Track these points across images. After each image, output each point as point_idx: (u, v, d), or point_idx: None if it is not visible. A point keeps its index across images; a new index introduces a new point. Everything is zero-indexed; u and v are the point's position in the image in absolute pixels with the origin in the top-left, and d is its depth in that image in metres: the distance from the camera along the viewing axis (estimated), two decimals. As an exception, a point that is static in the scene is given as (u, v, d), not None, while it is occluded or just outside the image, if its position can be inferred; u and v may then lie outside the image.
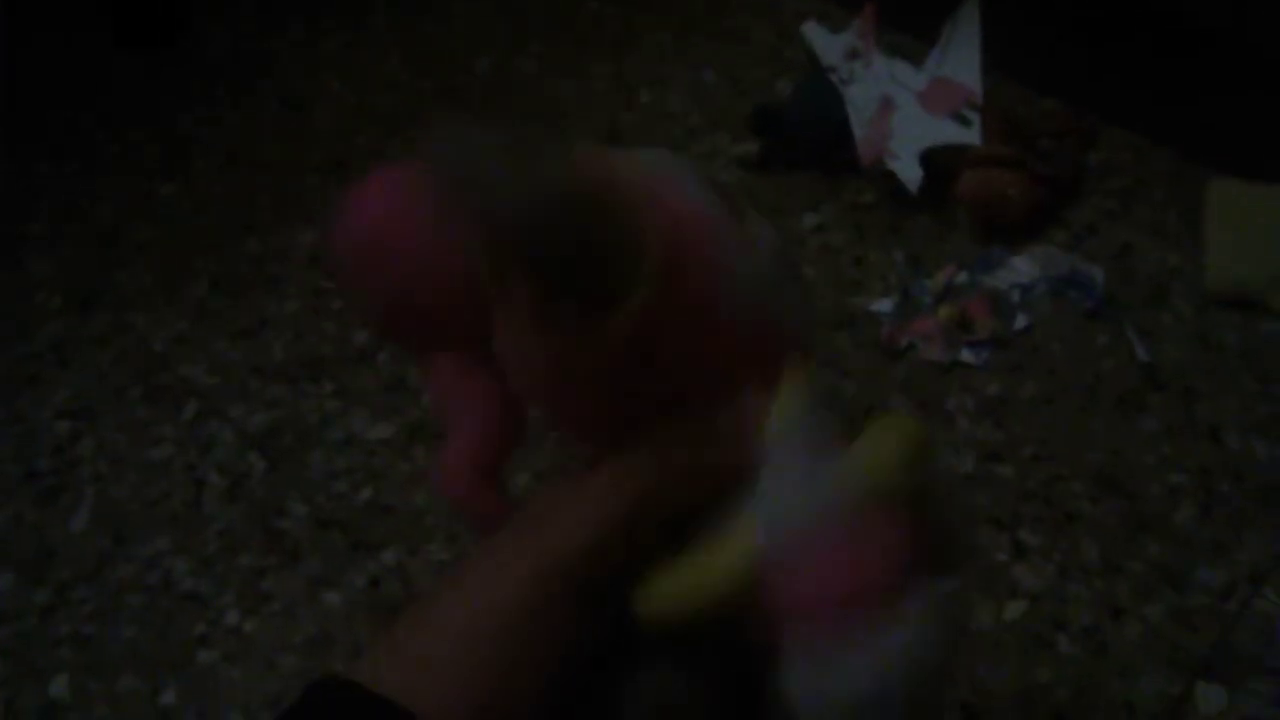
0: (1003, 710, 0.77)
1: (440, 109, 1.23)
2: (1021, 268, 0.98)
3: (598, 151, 0.38)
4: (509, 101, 1.23)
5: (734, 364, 0.40)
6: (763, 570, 0.37)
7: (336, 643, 0.87)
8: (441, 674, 0.39)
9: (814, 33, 1.10)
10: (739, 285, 0.39)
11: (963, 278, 0.98)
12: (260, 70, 1.33)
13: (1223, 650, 0.79)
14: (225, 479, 0.98)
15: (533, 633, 0.39)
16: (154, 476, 0.99)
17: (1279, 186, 0.98)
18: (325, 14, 1.37)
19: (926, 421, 0.89)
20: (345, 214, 0.44)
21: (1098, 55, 1.13)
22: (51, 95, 1.35)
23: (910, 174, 1.01)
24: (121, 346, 1.09)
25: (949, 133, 1.01)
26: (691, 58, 1.23)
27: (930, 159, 1.01)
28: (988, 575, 0.83)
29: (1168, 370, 0.92)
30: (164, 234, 1.18)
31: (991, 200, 0.99)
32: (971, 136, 1.00)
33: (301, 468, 0.97)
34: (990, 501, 0.87)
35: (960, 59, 1.03)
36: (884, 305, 0.98)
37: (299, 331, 1.07)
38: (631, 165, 0.38)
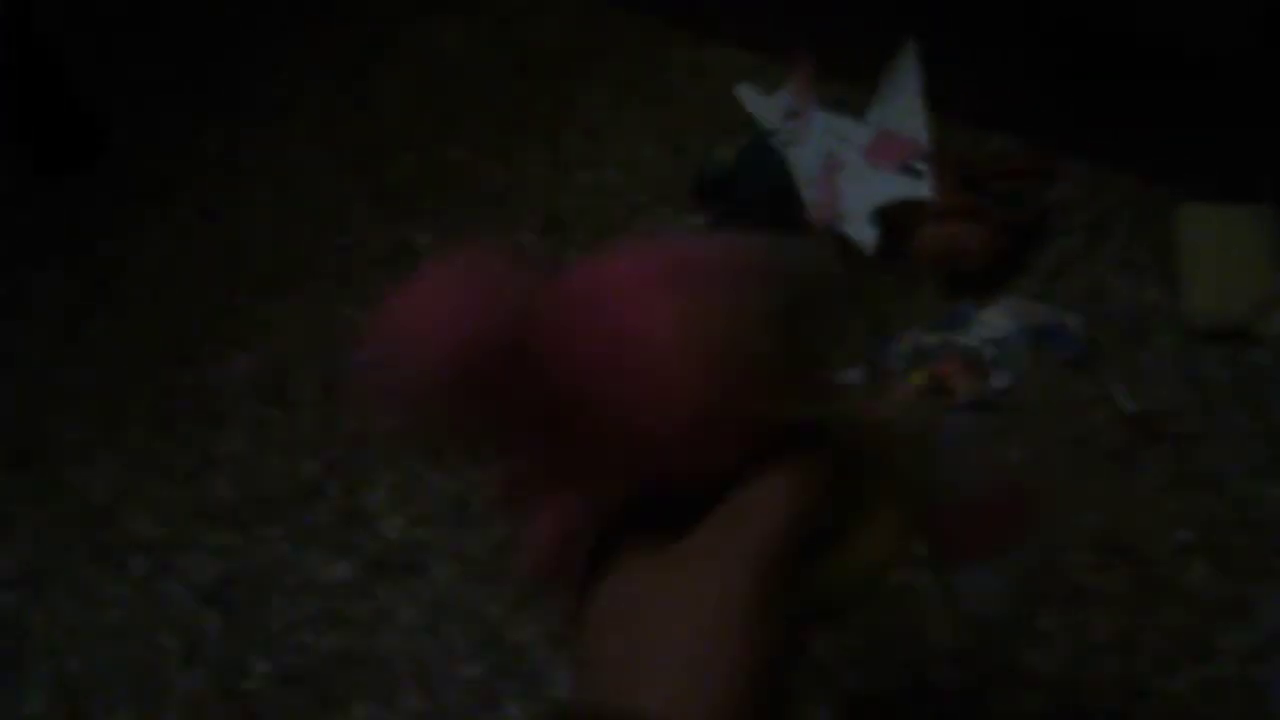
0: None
1: (371, 206, 1.18)
2: (993, 322, 0.93)
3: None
4: (441, 195, 1.17)
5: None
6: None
7: (315, 813, 0.82)
8: (677, 680, 0.37)
9: (749, 96, 1.05)
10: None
11: (932, 339, 0.93)
12: (181, 184, 1.27)
13: (1256, 721, 0.74)
14: (182, 641, 0.92)
15: (757, 621, 0.38)
16: (108, 645, 0.93)
17: (1249, 206, 0.93)
18: (245, 119, 1.32)
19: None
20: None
21: (1044, 86, 1.09)
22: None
23: (864, 235, 0.96)
24: (61, 503, 1.03)
25: (900, 187, 0.96)
26: (627, 131, 1.18)
27: (884, 217, 0.96)
28: (1001, 666, 0.78)
29: (1159, 417, 0.88)
30: (96, 375, 1.12)
31: (952, 254, 0.95)
32: (924, 189, 0.96)
33: (260, 620, 0.92)
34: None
35: (903, 109, 0.98)
36: (851, 376, 0.93)
37: (244, 469, 1.01)
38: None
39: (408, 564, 0.91)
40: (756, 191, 1.02)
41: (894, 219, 0.96)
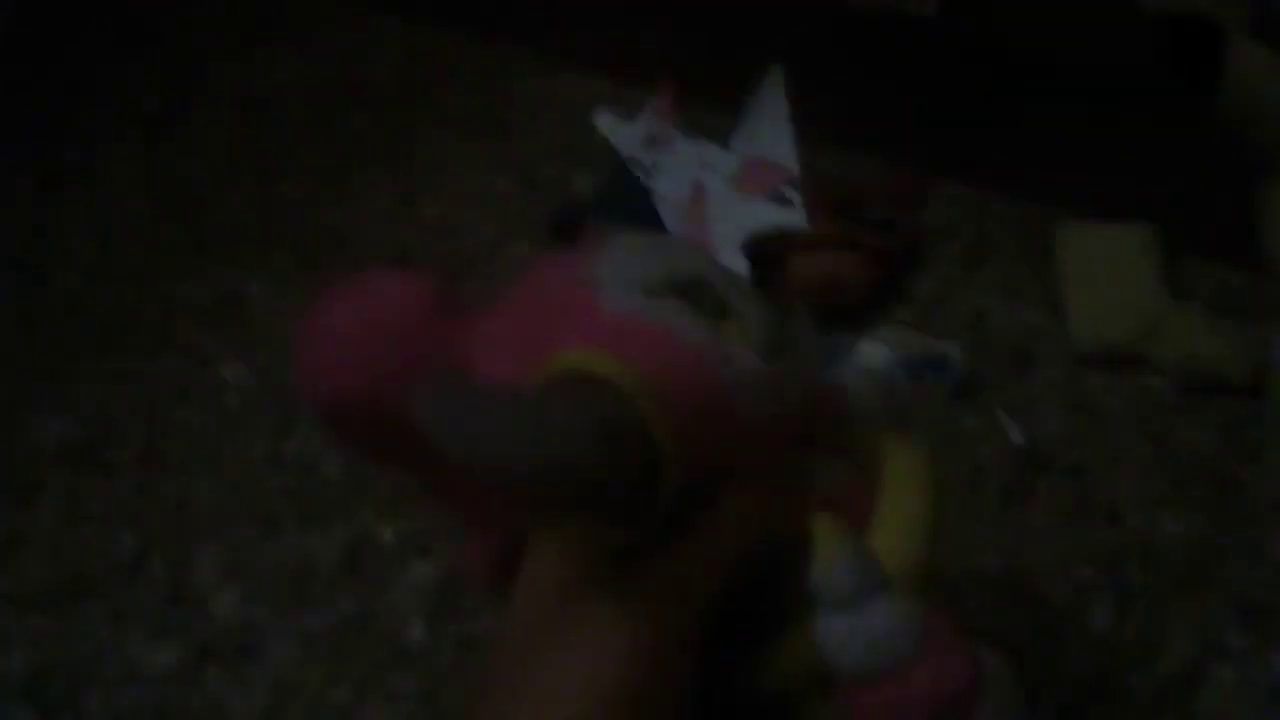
0: None
1: (195, 254, 1.08)
2: (871, 354, 0.88)
3: (582, 358, 0.34)
4: (272, 238, 1.08)
5: (765, 453, 0.39)
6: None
7: None
8: None
9: (607, 122, 0.98)
10: (743, 399, 0.37)
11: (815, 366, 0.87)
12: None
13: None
14: (-11, 743, 0.81)
15: (646, 697, 0.35)
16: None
17: (1131, 225, 0.90)
18: (51, 160, 1.21)
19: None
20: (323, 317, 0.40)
21: (913, 105, 1.05)
22: None
23: (734, 266, 0.89)
24: None
25: (770, 216, 0.90)
26: (476, 163, 1.11)
27: (754, 248, 0.90)
28: None
29: (1050, 449, 0.83)
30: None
31: (827, 285, 0.89)
32: (795, 217, 0.90)
33: (78, 715, 0.81)
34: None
35: (770, 134, 0.93)
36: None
37: (57, 546, 0.90)
38: (625, 339, 0.35)
39: (241, 647, 0.81)
40: (617, 223, 0.95)
41: (764, 250, 0.90)
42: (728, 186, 0.93)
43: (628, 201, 0.95)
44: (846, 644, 0.36)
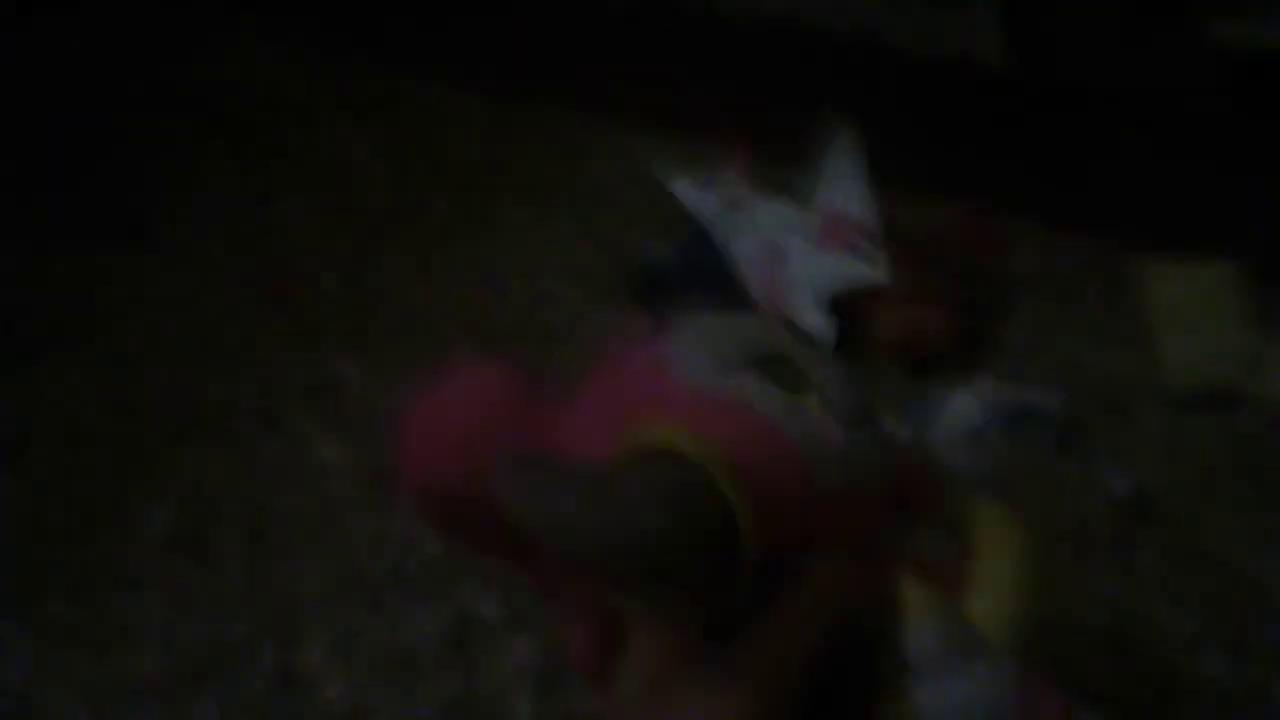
0: None
1: (290, 337, 1.10)
2: (963, 408, 0.87)
3: (655, 436, 0.34)
4: (365, 318, 1.10)
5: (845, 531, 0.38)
6: None
7: None
8: None
9: (684, 190, 0.99)
10: (823, 468, 0.37)
11: (901, 433, 0.87)
12: (83, 328, 1.19)
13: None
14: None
15: None
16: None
17: (1214, 265, 0.89)
18: (147, 251, 1.24)
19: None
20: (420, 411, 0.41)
21: (985, 146, 1.04)
22: None
23: (817, 325, 0.90)
24: (-31, 691, 0.93)
25: (852, 272, 0.91)
26: (556, 234, 1.12)
27: (838, 305, 0.90)
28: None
29: (1153, 495, 0.81)
30: (3, 542, 1.03)
31: (914, 340, 0.89)
32: (877, 273, 0.90)
33: (194, 807, 0.82)
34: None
35: (845, 189, 0.93)
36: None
37: (167, 636, 0.92)
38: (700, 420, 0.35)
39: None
40: (699, 287, 0.96)
41: (849, 308, 0.90)
42: (807, 245, 0.93)
43: (708, 265, 0.96)
44: (943, 711, 0.36)
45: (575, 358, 0.44)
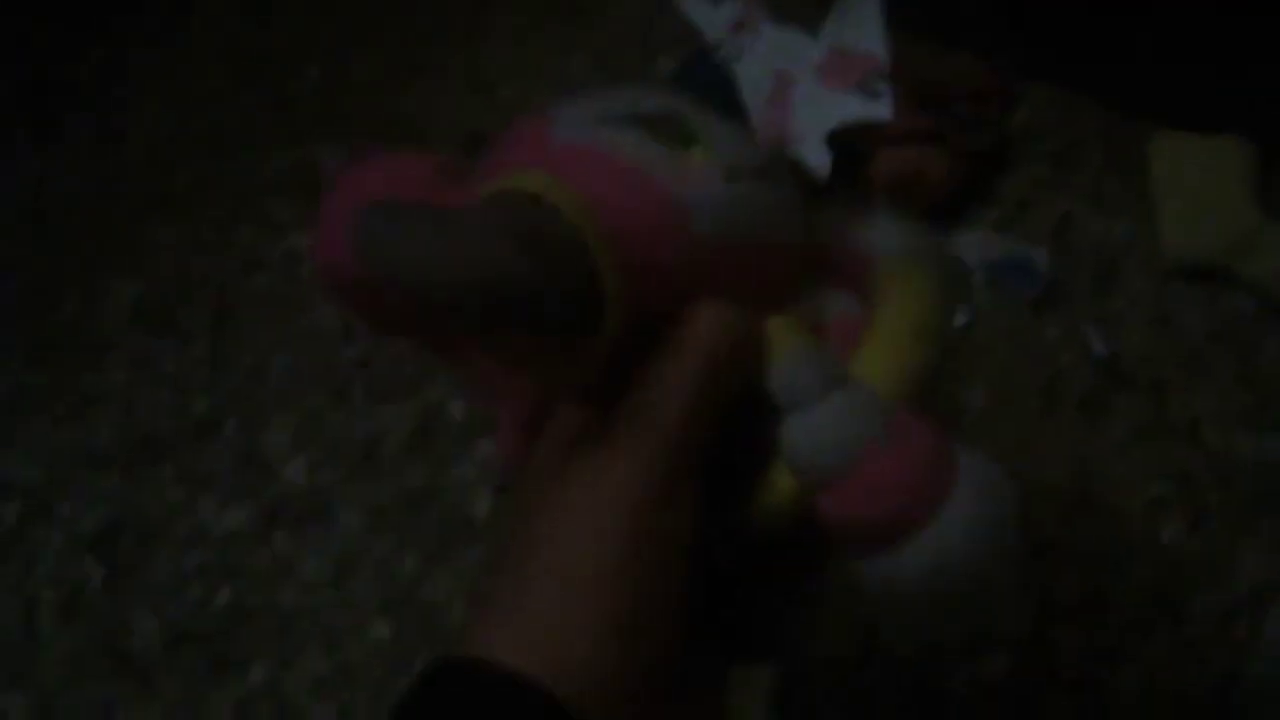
0: (998, 796, 0.66)
1: (272, 127, 1.07)
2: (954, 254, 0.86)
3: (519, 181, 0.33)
4: (349, 111, 1.07)
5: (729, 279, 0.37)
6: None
7: (203, 789, 0.73)
8: (566, 626, 0.33)
9: (692, 5, 0.96)
10: (699, 219, 0.36)
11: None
12: (65, 101, 1.15)
13: (1234, 690, 0.68)
14: (60, 594, 0.83)
15: (655, 530, 0.34)
16: (-25, 600, 0.83)
17: (1227, 137, 0.87)
18: (131, 30, 1.20)
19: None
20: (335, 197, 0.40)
21: (1010, 4, 1.01)
22: None
23: (817, 159, 0.87)
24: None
25: (856, 108, 0.88)
26: (554, 43, 1.09)
27: (838, 140, 0.88)
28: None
29: (1131, 362, 0.81)
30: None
31: (911, 181, 0.87)
32: (882, 111, 0.87)
33: (147, 572, 0.82)
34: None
35: (860, 24, 0.89)
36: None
37: (129, 407, 0.91)
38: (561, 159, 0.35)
39: (311, 512, 0.83)
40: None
41: (849, 143, 0.88)
42: (814, 77, 0.90)
43: (707, 84, 0.93)
44: (800, 445, 0.35)
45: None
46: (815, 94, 0.89)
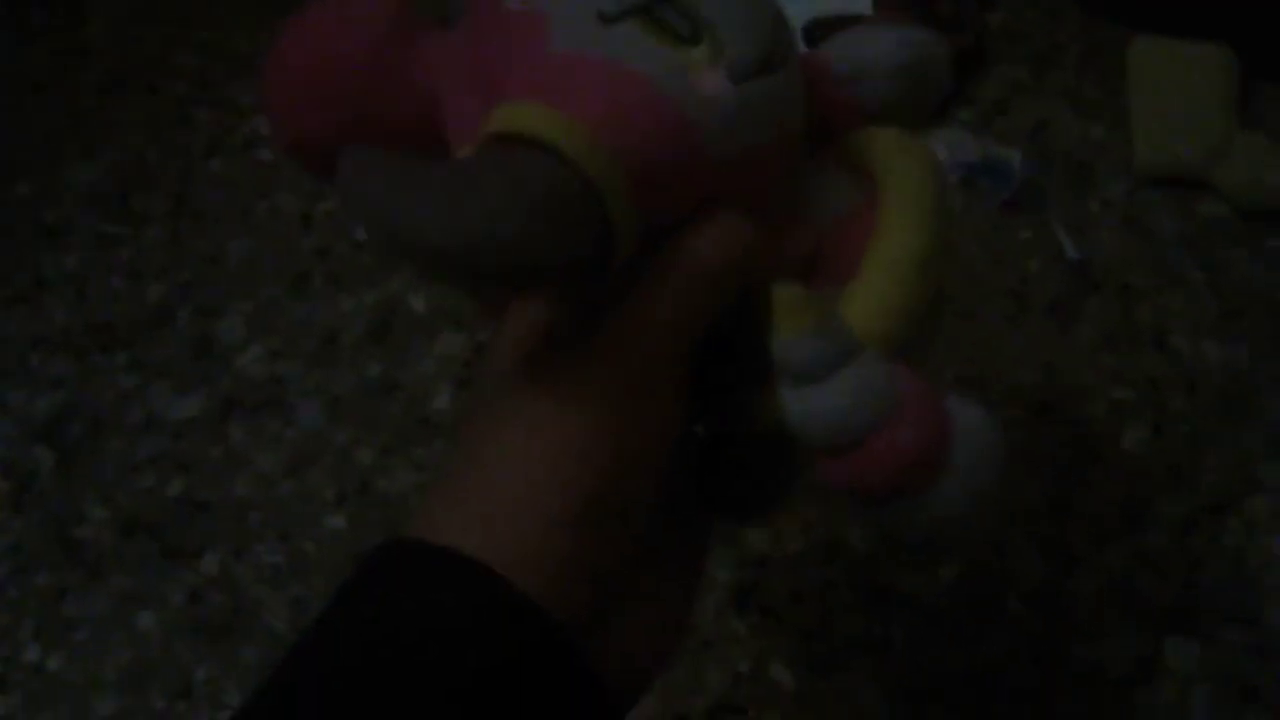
0: (956, 692, 0.66)
1: (234, 4, 1.04)
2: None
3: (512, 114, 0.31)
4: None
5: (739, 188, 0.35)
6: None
7: (156, 674, 0.72)
8: (519, 513, 0.32)
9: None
10: (710, 130, 0.33)
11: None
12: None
13: (1191, 598, 0.68)
14: (9, 482, 0.81)
15: (627, 419, 0.33)
16: (-80, 484, 0.82)
17: (1207, 45, 0.85)
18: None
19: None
20: (284, 46, 0.38)
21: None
22: None
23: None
24: None
25: (836, 1, 0.86)
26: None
27: (816, 33, 0.86)
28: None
29: (1102, 267, 0.80)
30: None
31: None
32: (861, 4, 0.86)
33: (97, 461, 0.81)
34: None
35: (842, -86, 0.88)
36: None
37: (82, 291, 0.89)
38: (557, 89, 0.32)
39: (267, 402, 0.81)
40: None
41: (825, 34, 0.86)
42: (792, -31, 0.88)
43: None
44: (808, 418, 0.35)
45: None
46: (795, -14, 0.87)
